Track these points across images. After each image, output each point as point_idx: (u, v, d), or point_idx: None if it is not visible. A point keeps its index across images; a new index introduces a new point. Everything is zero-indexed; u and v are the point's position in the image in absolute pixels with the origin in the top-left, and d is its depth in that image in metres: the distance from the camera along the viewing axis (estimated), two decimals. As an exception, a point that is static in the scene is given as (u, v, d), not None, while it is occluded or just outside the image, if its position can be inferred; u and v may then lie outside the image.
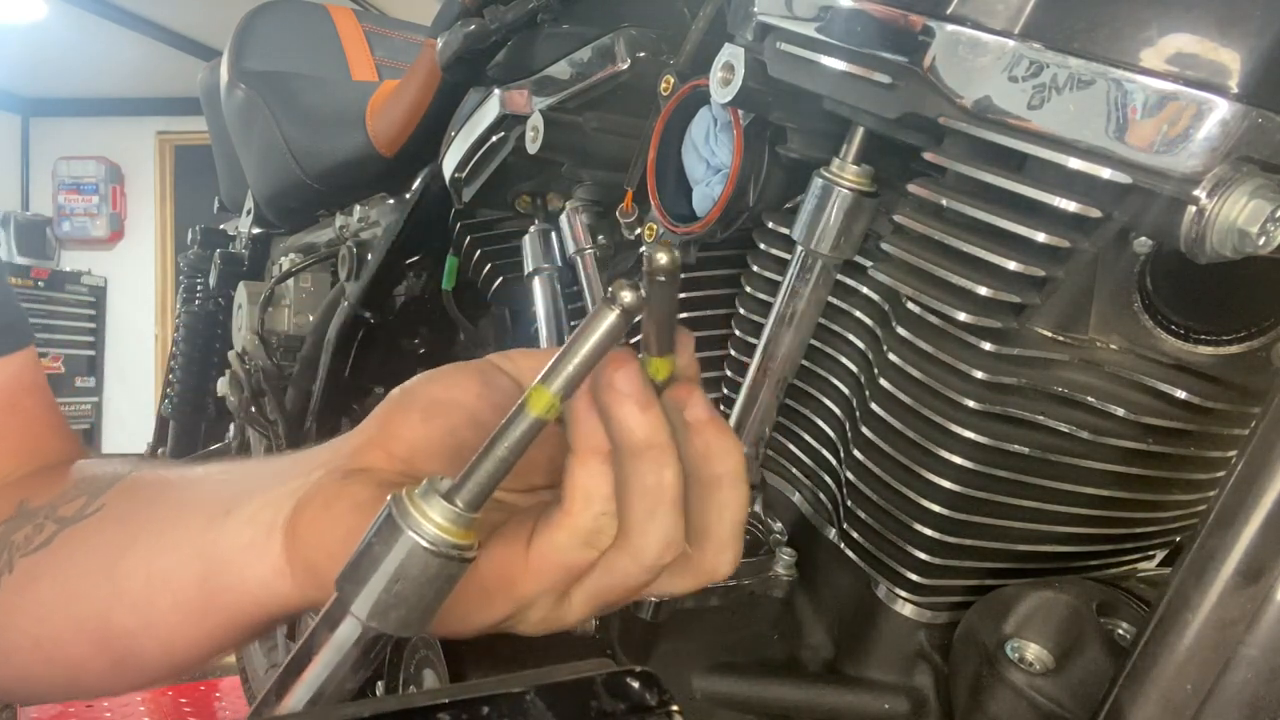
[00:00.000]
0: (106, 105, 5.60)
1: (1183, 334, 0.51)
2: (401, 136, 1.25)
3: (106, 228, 5.69)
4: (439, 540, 0.32)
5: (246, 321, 1.66)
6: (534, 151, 0.81)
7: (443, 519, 0.32)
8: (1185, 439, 0.52)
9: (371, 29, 1.81)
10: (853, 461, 0.59)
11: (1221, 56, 0.40)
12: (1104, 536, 0.59)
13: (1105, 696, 0.41)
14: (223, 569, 0.42)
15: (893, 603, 0.59)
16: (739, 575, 0.63)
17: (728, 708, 0.62)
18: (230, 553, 0.42)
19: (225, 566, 0.42)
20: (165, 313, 5.49)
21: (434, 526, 0.32)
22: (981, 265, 0.48)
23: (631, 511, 0.35)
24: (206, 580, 0.42)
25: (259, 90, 1.57)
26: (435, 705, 0.28)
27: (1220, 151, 0.40)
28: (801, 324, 0.60)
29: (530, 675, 0.30)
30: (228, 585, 0.42)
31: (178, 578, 0.43)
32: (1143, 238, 0.46)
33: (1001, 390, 0.52)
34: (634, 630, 0.62)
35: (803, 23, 0.54)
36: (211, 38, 4.50)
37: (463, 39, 0.84)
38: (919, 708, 0.59)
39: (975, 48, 0.45)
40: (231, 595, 0.42)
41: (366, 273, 1.28)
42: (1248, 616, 0.37)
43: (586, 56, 0.81)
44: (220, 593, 0.42)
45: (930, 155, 0.50)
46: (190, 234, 2.14)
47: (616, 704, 0.29)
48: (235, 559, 0.41)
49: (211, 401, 2.01)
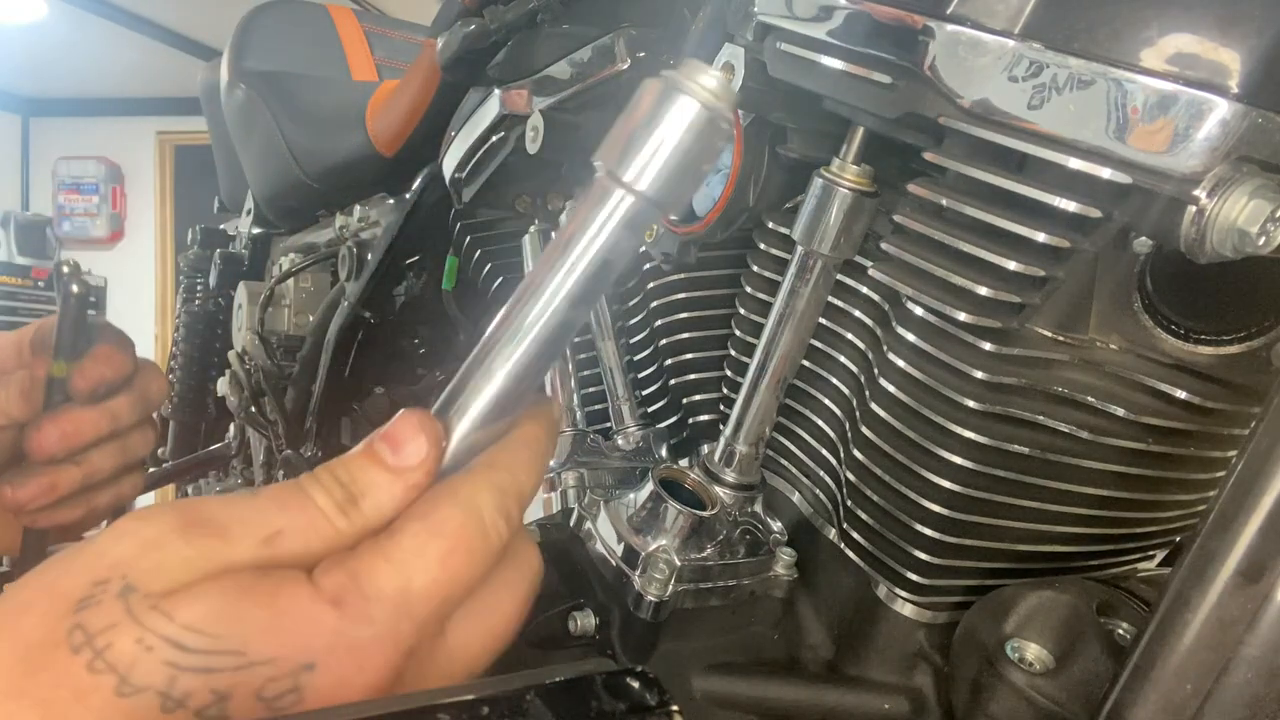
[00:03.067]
0: (106, 105, 5.60)
1: (1183, 334, 0.51)
2: (401, 136, 1.25)
3: (106, 228, 5.69)
4: (713, 104, 0.32)
5: (246, 321, 1.66)
6: (534, 151, 0.81)
7: (716, 85, 0.33)
8: (1185, 439, 0.52)
9: (371, 29, 1.81)
10: (853, 461, 0.59)
11: (1221, 56, 0.40)
12: (1104, 536, 0.59)
13: (1105, 696, 0.41)
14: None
15: (893, 603, 0.59)
16: (739, 575, 0.63)
17: (728, 708, 0.62)
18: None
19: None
20: (165, 313, 5.49)
21: (709, 92, 0.32)
22: (981, 265, 0.48)
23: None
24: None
25: (259, 90, 1.57)
26: (435, 705, 0.28)
27: (1220, 151, 0.40)
28: (801, 324, 0.60)
29: (530, 675, 0.30)
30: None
31: None
32: (1143, 238, 0.46)
33: (1001, 390, 0.52)
34: (634, 630, 0.62)
35: (803, 23, 0.54)
36: (211, 38, 4.50)
37: (463, 39, 0.84)
38: (919, 708, 0.59)
39: (975, 48, 0.45)
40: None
41: (366, 273, 1.28)
42: (1248, 616, 0.37)
43: (586, 56, 0.81)
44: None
45: (930, 155, 0.50)
46: (190, 234, 2.14)
47: (616, 704, 0.29)
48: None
49: (211, 401, 2.01)
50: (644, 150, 0.33)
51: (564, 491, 0.70)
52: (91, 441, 0.58)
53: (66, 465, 0.58)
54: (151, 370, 0.62)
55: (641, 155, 0.33)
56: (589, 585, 0.65)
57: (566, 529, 0.67)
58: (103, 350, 0.58)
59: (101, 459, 0.59)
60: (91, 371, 0.57)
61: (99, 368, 0.57)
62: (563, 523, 0.68)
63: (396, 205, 1.34)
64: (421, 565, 0.31)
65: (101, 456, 0.59)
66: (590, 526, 0.65)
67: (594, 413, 0.83)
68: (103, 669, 0.27)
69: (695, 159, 0.33)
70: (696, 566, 0.60)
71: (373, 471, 0.33)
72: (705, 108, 0.32)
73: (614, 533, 0.62)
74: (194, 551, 0.30)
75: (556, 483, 0.71)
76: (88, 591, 0.28)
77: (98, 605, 0.28)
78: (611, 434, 0.79)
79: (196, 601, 0.29)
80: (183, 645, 0.28)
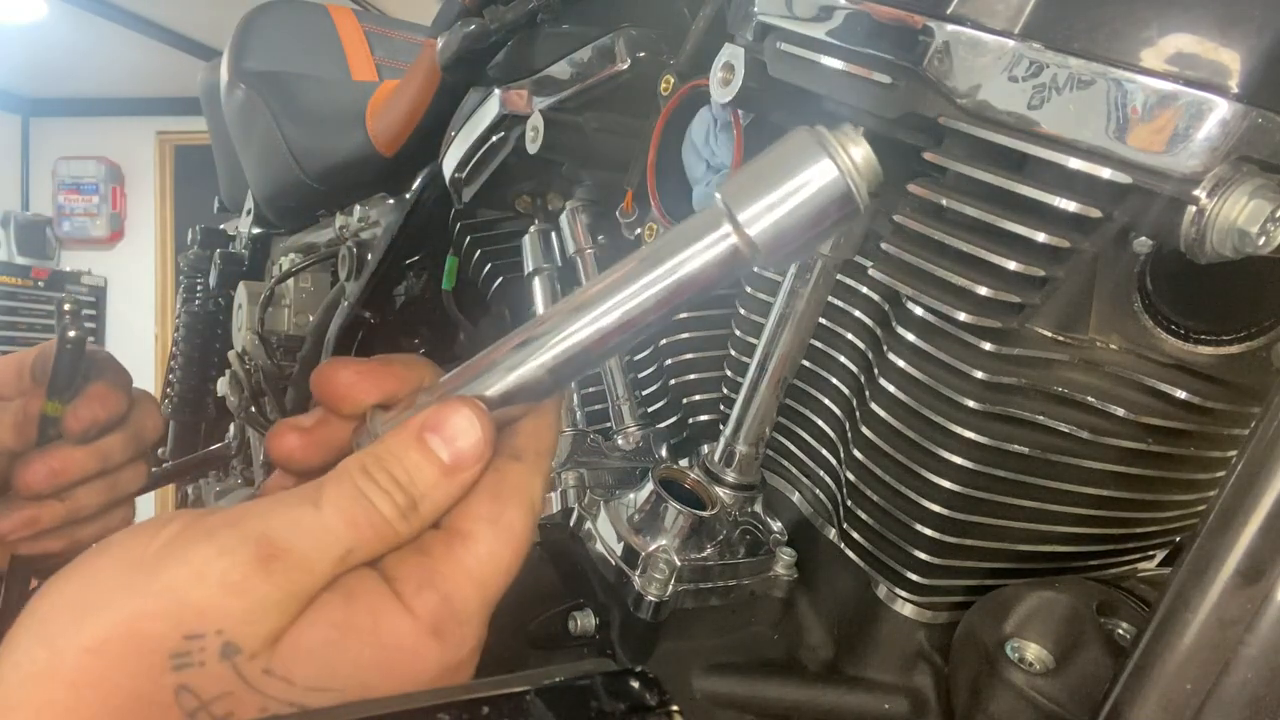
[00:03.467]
0: (106, 105, 5.60)
1: (1183, 334, 0.51)
2: (401, 136, 1.25)
3: (106, 228, 5.69)
4: (852, 174, 0.32)
5: (246, 321, 1.66)
6: (534, 151, 0.81)
7: (861, 159, 0.32)
8: (1185, 439, 0.52)
9: (371, 29, 1.81)
10: (853, 461, 0.59)
11: (1221, 56, 0.40)
12: (1104, 536, 0.59)
13: (1105, 696, 0.41)
14: None
15: (893, 603, 0.59)
16: (739, 575, 0.63)
17: (728, 708, 0.62)
18: None
19: None
20: (165, 313, 5.49)
21: (852, 165, 0.32)
22: (981, 265, 0.48)
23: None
24: None
25: (259, 90, 1.57)
26: (435, 705, 0.28)
27: (1220, 151, 0.40)
28: (801, 324, 0.60)
29: (530, 675, 0.30)
30: None
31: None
32: (1143, 238, 0.46)
33: (1001, 390, 0.52)
34: (634, 630, 0.62)
35: (803, 23, 0.54)
36: (211, 38, 4.50)
37: (463, 39, 0.84)
38: (919, 708, 0.59)
39: (975, 48, 0.45)
40: None
41: (366, 273, 1.28)
42: (1248, 616, 0.37)
43: (586, 56, 0.81)
44: None
45: (930, 155, 0.50)
46: (190, 234, 2.14)
47: (616, 704, 0.29)
48: None
49: (211, 401, 2.01)
50: (768, 198, 0.32)
51: (564, 491, 0.70)
52: (79, 480, 0.58)
53: (51, 501, 0.58)
54: (147, 406, 0.62)
55: (763, 201, 0.32)
56: (589, 585, 0.65)
57: (566, 529, 0.67)
58: (98, 389, 0.57)
59: (88, 496, 0.59)
60: (85, 413, 0.57)
61: (92, 409, 0.57)
62: (563, 523, 0.68)
63: (396, 205, 1.34)
64: (496, 572, 0.32)
65: (88, 493, 0.59)
66: (590, 526, 0.65)
67: (594, 413, 0.83)
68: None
69: (814, 226, 0.32)
70: (696, 566, 0.60)
71: (429, 471, 0.32)
72: (846, 179, 0.32)
73: (614, 533, 0.62)
74: (281, 592, 0.29)
75: (556, 483, 0.71)
76: (180, 646, 0.27)
77: (201, 667, 0.27)
78: (611, 434, 0.79)
79: (309, 655, 0.29)
80: (309, 706, 0.28)
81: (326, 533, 0.30)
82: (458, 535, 0.32)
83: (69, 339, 0.55)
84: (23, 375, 0.59)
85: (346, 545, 0.31)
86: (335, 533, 0.31)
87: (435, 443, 0.32)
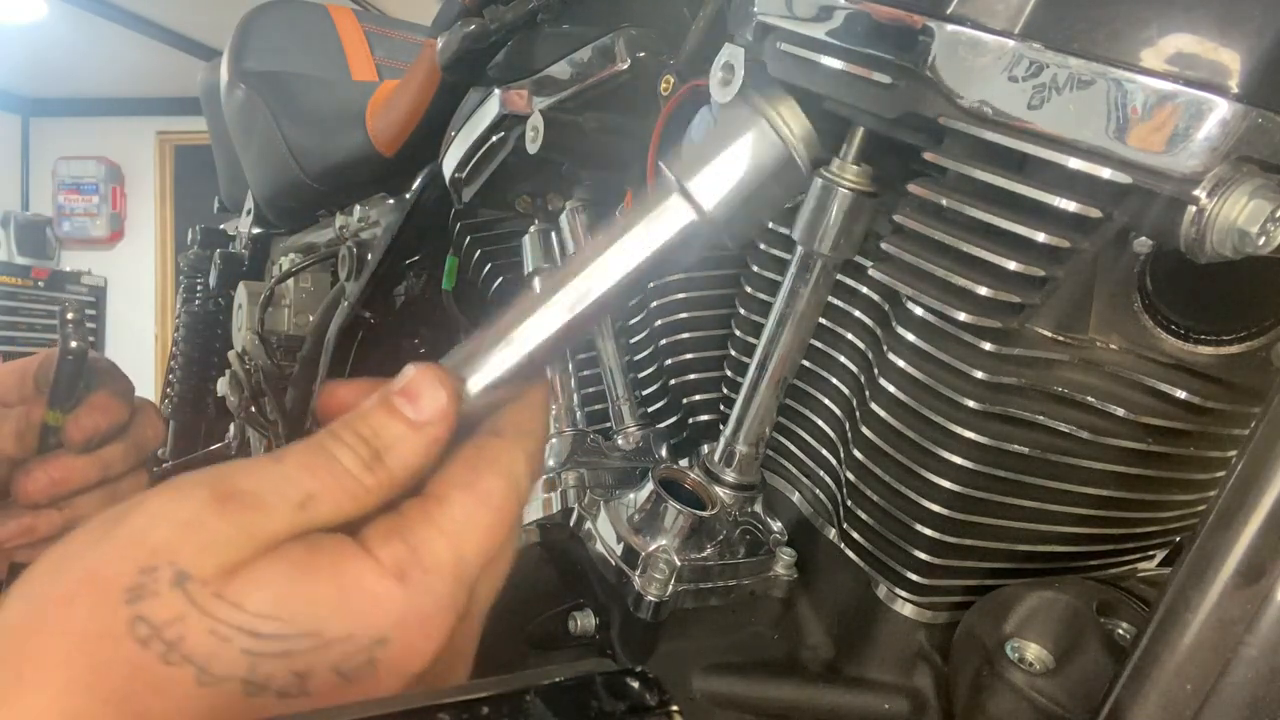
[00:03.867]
0: (106, 105, 5.60)
1: (1183, 334, 0.51)
2: (401, 136, 1.25)
3: (106, 228, 5.69)
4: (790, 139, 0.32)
5: (246, 321, 1.66)
6: (534, 151, 0.81)
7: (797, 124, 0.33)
8: (1185, 439, 0.52)
9: (371, 29, 1.81)
10: (853, 461, 0.59)
11: (1221, 56, 0.40)
12: (1104, 536, 0.59)
13: (1105, 696, 0.41)
14: None
15: (893, 603, 0.59)
16: (739, 575, 0.63)
17: (728, 708, 0.62)
18: None
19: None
20: (165, 313, 5.49)
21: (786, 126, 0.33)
22: (981, 265, 0.48)
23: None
24: None
25: (259, 90, 1.57)
26: (435, 705, 0.28)
27: (1220, 151, 0.40)
28: (801, 324, 0.60)
29: (530, 675, 0.30)
30: None
31: None
32: (1143, 238, 0.46)
33: (1001, 390, 0.52)
34: (634, 630, 0.62)
35: (803, 23, 0.54)
36: (211, 38, 4.50)
37: (463, 39, 0.85)
38: (919, 708, 0.59)
39: (975, 48, 0.45)
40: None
41: (366, 273, 1.28)
42: (1248, 616, 0.37)
43: (586, 56, 0.81)
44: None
45: (930, 155, 0.50)
46: (190, 234, 2.14)
47: (616, 704, 0.29)
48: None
49: (211, 401, 2.01)
50: (716, 169, 0.33)
51: (564, 491, 0.70)
52: (79, 489, 0.58)
53: (49, 510, 0.58)
54: (148, 415, 0.62)
55: (709, 170, 0.33)
56: (589, 585, 0.65)
57: (566, 529, 0.67)
58: (99, 399, 0.57)
59: (87, 505, 0.59)
60: (86, 422, 0.57)
61: (94, 418, 0.57)
62: (563, 523, 0.68)
63: (396, 205, 1.34)
64: (472, 535, 0.32)
65: (88, 503, 0.59)
66: (590, 526, 0.65)
67: (594, 413, 0.83)
68: (178, 661, 0.27)
69: (763, 195, 0.33)
70: (696, 566, 0.60)
71: (394, 426, 0.33)
72: (789, 148, 0.32)
73: (614, 533, 0.62)
74: (234, 528, 0.29)
75: (556, 483, 0.71)
76: (136, 580, 0.28)
77: (155, 596, 0.28)
78: (611, 434, 0.79)
79: (263, 586, 0.29)
80: (258, 633, 0.28)
81: (284, 479, 0.31)
82: (432, 498, 0.33)
83: (70, 350, 0.55)
84: (26, 382, 0.59)
85: (305, 490, 0.31)
86: (293, 479, 0.31)
87: (399, 402, 0.33)
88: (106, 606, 0.28)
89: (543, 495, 0.72)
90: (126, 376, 0.62)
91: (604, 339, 0.81)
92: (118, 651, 0.27)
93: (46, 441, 0.57)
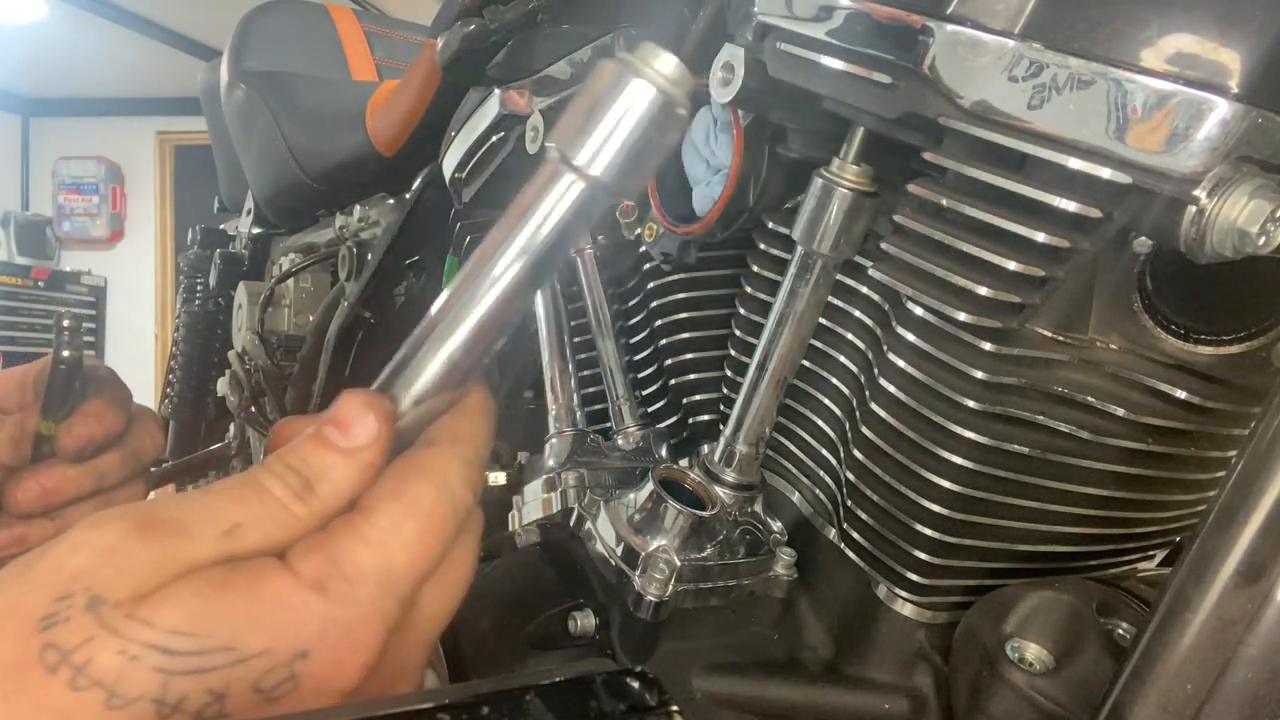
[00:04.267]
0: (106, 105, 5.60)
1: (1183, 334, 0.51)
2: (401, 136, 1.25)
3: (106, 228, 5.69)
4: (665, 86, 0.32)
5: (246, 321, 1.66)
6: (534, 151, 0.81)
7: (670, 69, 0.33)
8: (1185, 439, 0.52)
9: (371, 29, 1.81)
10: (853, 461, 0.59)
11: (1221, 56, 0.40)
12: (1104, 536, 0.59)
13: (1105, 696, 0.41)
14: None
15: (893, 603, 0.59)
16: (739, 575, 0.63)
17: (728, 708, 0.62)
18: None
19: None
20: (165, 313, 5.49)
21: (664, 78, 0.32)
22: (981, 265, 0.48)
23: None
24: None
25: (259, 90, 1.57)
26: (435, 705, 0.28)
27: (1220, 151, 0.40)
28: (801, 324, 0.60)
29: (530, 675, 0.30)
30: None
31: None
32: (1142, 238, 0.46)
33: (1001, 390, 0.52)
34: (634, 630, 0.62)
35: (803, 23, 0.54)
36: (211, 38, 4.50)
37: (463, 39, 0.85)
38: (919, 708, 0.59)
39: (975, 48, 0.45)
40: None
41: (366, 273, 1.28)
42: (1248, 616, 0.37)
43: (586, 56, 0.81)
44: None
45: (930, 155, 0.50)
46: (190, 234, 2.14)
47: (616, 704, 0.29)
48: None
49: (211, 401, 2.01)
50: (596, 134, 0.33)
51: (564, 491, 0.70)
52: (72, 499, 0.57)
53: (41, 519, 0.57)
54: (146, 424, 0.61)
55: (594, 140, 0.32)
56: (589, 585, 0.65)
57: (566, 529, 0.67)
58: (94, 407, 0.57)
59: (81, 514, 0.58)
60: (80, 431, 0.56)
61: (88, 427, 0.56)
62: (563, 523, 0.68)
63: (396, 205, 1.34)
64: (400, 543, 0.32)
65: (81, 512, 0.58)
66: (590, 526, 0.65)
67: (594, 413, 0.83)
68: (86, 685, 0.27)
69: (650, 145, 0.33)
70: (696, 566, 0.60)
71: (325, 455, 0.33)
72: (660, 92, 0.32)
73: (614, 533, 0.62)
74: (155, 553, 0.29)
75: (556, 483, 0.71)
76: (51, 609, 0.28)
77: (66, 622, 0.27)
78: (611, 434, 0.79)
79: (175, 603, 0.28)
80: (170, 649, 0.28)
81: (209, 508, 0.31)
82: (359, 511, 0.32)
83: (63, 358, 0.55)
84: (24, 389, 0.59)
85: (231, 519, 0.31)
86: (219, 508, 0.31)
87: (330, 431, 0.33)
88: (21, 637, 0.27)
89: (543, 495, 0.72)
90: (125, 385, 0.61)
91: (604, 339, 0.81)
92: (26, 681, 0.27)
93: (40, 450, 0.56)
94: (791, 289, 0.59)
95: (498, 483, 1.01)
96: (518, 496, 0.76)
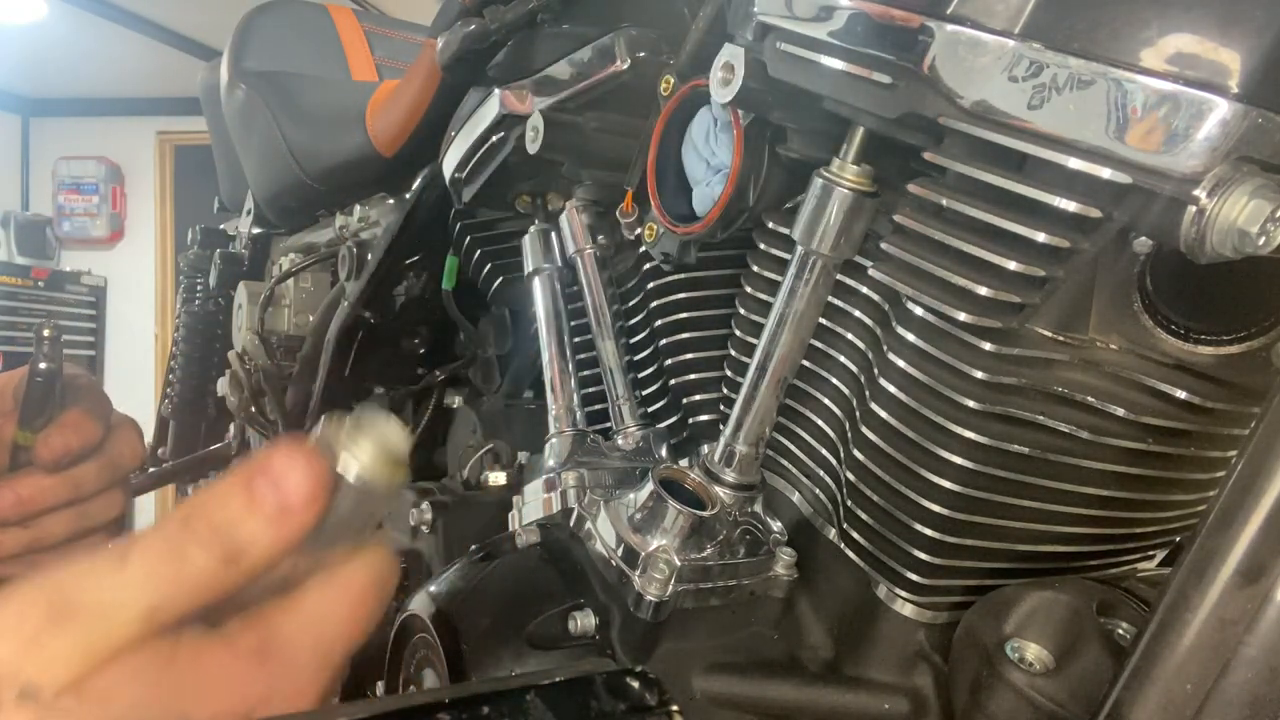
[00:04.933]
0: (106, 105, 5.59)
1: (1183, 334, 0.51)
2: (401, 136, 1.25)
3: (106, 228, 5.68)
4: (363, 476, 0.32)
5: (246, 321, 1.66)
6: (534, 151, 0.81)
7: (369, 455, 0.33)
8: (1185, 439, 0.52)
9: (371, 29, 1.81)
10: (853, 461, 0.59)
11: (1221, 56, 0.40)
12: (1104, 536, 0.59)
13: (1105, 696, 0.41)
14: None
15: (893, 603, 0.59)
16: (739, 575, 0.63)
17: (728, 708, 0.62)
18: None
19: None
20: (165, 313, 5.49)
21: (360, 464, 0.32)
22: (981, 265, 0.48)
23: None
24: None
25: (259, 90, 1.57)
26: (435, 705, 0.28)
27: (1220, 151, 0.40)
28: (801, 324, 0.60)
29: (530, 675, 0.30)
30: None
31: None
32: (1143, 238, 0.46)
33: (1001, 390, 0.52)
34: (634, 630, 0.62)
35: (803, 23, 0.54)
36: (211, 38, 4.50)
37: (463, 39, 0.84)
38: (919, 708, 0.59)
39: (975, 48, 0.45)
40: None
41: (366, 273, 1.28)
42: (1248, 616, 0.37)
43: (586, 56, 0.81)
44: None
45: (930, 155, 0.50)
46: (190, 234, 2.14)
47: (616, 704, 0.29)
48: None
49: (211, 401, 2.01)
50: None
51: (564, 491, 0.70)
52: (47, 509, 0.57)
53: (16, 528, 0.57)
54: (126, 434, 0.60)
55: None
56: (589, 585, 0.65)
57: (566, 529, 0.67)
58: (72, 417, 0.56)
59: (54, 525, 0.58)
60: (56, 441, 0.55)
61: (65, 437, 0.56)
62: (563, 523, 0.68)
63: (396, 205, 1.34)
64: (330, 614, 0.32)
65: (55, 522, 0.58)
66: (590, 526, 0.65)
67: (594, 413, 0.83)
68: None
69: (351, 523, 0.33)
70: (696, 566, 0.60)
71: (253, 522, 0.31)
72: (357, 478, 0.32)
73: (614, 533, 0.62)
74: (75, 646, 0.29)
75: (556, 483, 0.71)
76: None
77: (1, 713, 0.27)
78: (611, 434, 0.79)
79: (124, 683, 0.28)
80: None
81: (125, 589, 0.30)
82: (294, 586, 0.33)
83: (40, 370, 0.55)
84: (2, 399, 0.58)
85: (149, 601, 0.30)
86: (135, 589, 0.30)
87: (264, 493, 0.31)
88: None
89: (543, 495, 0.72)
90: (105, 395, 0.60)
91: (604, 339, 0.81)
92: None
93: (17, 460, 0.56)
94: (791, 289, 0.59)
95: (498, 483, 1.01)
96: (518, 496, 0.76)
